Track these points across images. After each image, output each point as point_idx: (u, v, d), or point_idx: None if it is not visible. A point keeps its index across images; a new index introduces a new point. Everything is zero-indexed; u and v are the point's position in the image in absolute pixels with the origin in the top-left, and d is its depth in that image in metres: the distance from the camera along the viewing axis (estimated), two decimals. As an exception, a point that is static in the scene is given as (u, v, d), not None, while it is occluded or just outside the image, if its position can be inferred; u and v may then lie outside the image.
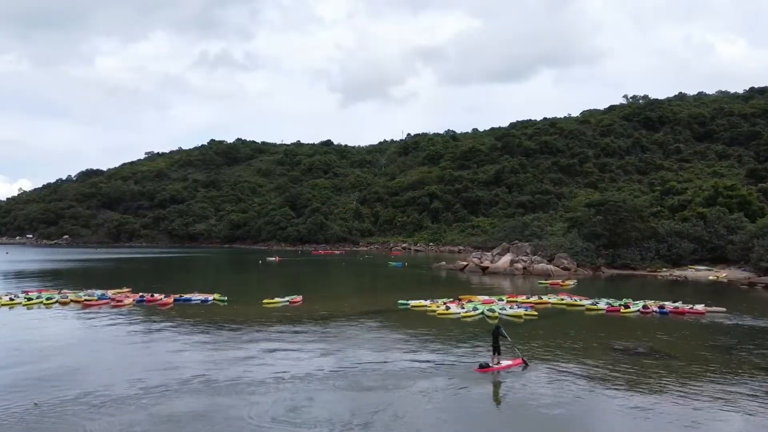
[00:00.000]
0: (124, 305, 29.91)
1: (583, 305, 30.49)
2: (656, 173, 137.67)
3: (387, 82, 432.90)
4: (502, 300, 31.70)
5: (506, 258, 57.75)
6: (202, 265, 75.88)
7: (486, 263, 58.13)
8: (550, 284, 43.39)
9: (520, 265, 55.08)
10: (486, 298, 32.55)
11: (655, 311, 28.44)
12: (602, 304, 30.10)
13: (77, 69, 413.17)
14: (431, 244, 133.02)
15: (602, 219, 60.08)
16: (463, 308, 28.29)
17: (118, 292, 34.75)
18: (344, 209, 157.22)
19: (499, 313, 27.16)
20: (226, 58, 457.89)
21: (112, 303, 30.21)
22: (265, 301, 31.13)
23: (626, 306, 29.04)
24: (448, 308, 27.92)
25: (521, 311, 27.33)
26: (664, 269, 56.11)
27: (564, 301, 31.66)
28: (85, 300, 31.16)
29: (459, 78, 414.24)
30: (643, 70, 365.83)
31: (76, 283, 42.57)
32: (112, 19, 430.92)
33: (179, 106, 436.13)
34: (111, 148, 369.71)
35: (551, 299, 32.48)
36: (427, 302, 30.64)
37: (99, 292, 33.69)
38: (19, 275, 52.59)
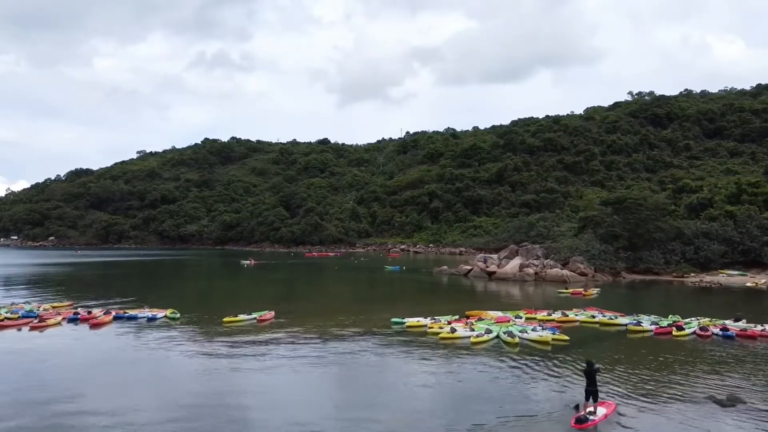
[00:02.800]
0: (48, 326, 23.89)
1: (622, 325, 24.49)
2: (666, 171, 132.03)
3: (385, 83, 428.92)
4: (520, 317, 25.69)
5: (515, 262, 51.77)
6: (184, 269, 69.81)
7: (492, 268, 52.14)
8: (571, 293, 37.36)
9: (531, 270, 49.10)
10: (499, 314, 26.53)
11: (717, 334, 22.47)
12: (647, 323, 24.11)
13: (76, 70, 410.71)
14: (431, 245, 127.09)
15: (621, 218, 54.17)
16: (473, 330, 22.31)
17: (55, 307, 28.87)
18: (340, 209, 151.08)
19: (520, 338, 21.20)
20: (223, 58, 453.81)
21: (33, 323, 24.15)
22: (226, 319, 25.19)
23: (679, 327, 23.02)
24: (453, 330, 21.91)
25: (548, 335, 21.34)
26: (692, 274, 50.17)
27: (596, 319, 25.62)
28: (6, 318, 25.16)
29: (457, 79, 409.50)
30: (641, 70, 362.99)
31: (24, 294, 36.76)
32: (110, 21, 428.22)
33: (177, 107, 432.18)
34: (110, 149, 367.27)
35: (579, 316, 26.46)
36: (427, 321, 24.71)
37: (27, 307, 27.73)
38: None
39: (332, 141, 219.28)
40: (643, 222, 52.50)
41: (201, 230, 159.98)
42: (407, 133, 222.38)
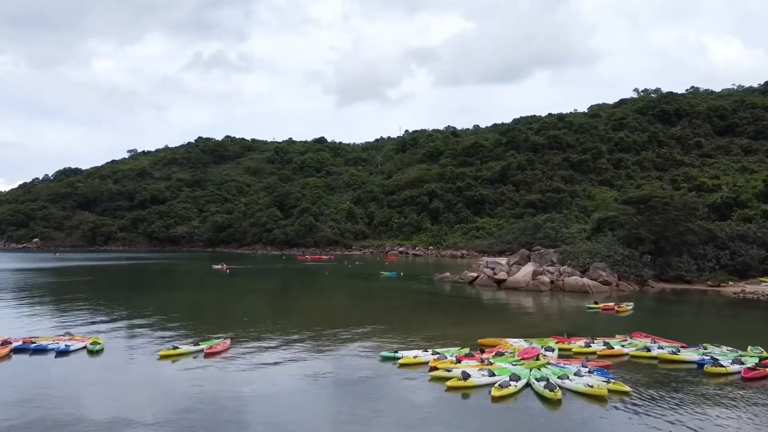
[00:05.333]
0: None
1: (691, 362, 18.27)
2: (677, 169, 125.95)
3: (383, 84, 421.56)
4: (551, 350, 19.41)
5: (527, 269, 45.54)
6: (157, 275, 63.48)
7: (501, 275, 45.92)
8: (602, 309, 31.08)
9: (546, 279, 42.88)
10: (522, 344, 20.32)
11: (831, 379, 16.25)
12: (725, 360, 17.81)
13: (74, 71, 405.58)
14: (431, 247, 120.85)
15: (645, 219, 48.04)
16: (493, 374, 16.07)
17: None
18: (336, 210, 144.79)
19: (561, 387, 14.96)
20: (220, 58, 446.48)
21: None
22: (163, 352, 19.00)
23: (776, 368, 16.78)
24: (466, 376, 15.62)
25: (601, 383, 15.08)
26: (730, 283, 44.03)
27: (653, 353, 19.31)
28: None
29: (455, 79, 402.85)
30: (640, 71, 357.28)
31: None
32: (108, 21, 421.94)
33: (176, 108, 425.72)
34: (110, 150, 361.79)
35: (627, 347, 20.20)
36: (428, 355, 18.52)
37: None
38: None
39: (329, 140, 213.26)
40: (671, 223, 46.33)
41: (192, 232, 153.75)
42: (406, 131, 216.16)
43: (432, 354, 18.70)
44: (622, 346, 20.28)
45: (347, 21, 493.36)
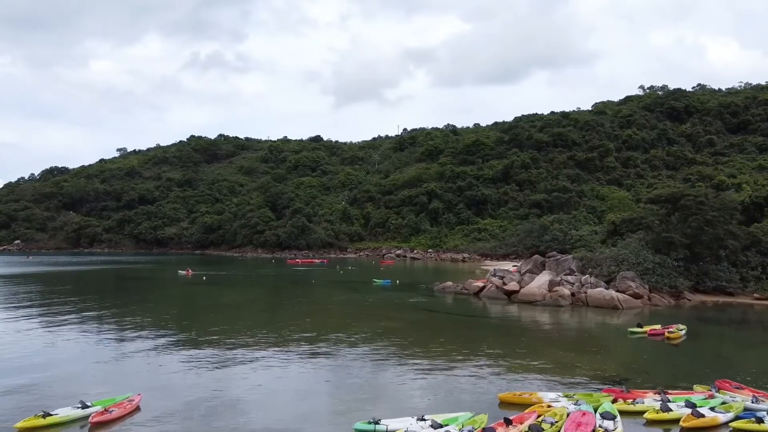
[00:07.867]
0: None
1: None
2: (689, 168, 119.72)
3: (381, 85, 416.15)
4: (612, 417, 12.82)
5: (542, 278, 39.08)
6: (121, 284, 56.84)
7: (512, 286, 39.47)
8: (648, 333, 24.60)
9: (566, 291, 36.39)
10: (565, 404, 13.84)
11: None
12: None
13: (72, 71, 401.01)
14: (430, 250, 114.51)
15: (679, 221, 41.70)
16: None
17: None
18: (331, 210, 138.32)
19: None
20: (218, 59, 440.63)
21: None
22: (22, 423, 12.50)
23: None
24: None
25: None
26: (781, 295, 37.68)
27: (765, 426, 12.79)
28: None
29: (452, 80, 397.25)
30: (639, 71, 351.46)
31: None
32: (106, 22, 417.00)
33: (174, 109, 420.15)
34: (106, 151, 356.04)
35: (719, 409, 13.67)
36: (426, 426, 12.11)
37: None
38: None
39: (325, 138, 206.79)
40: (709, 226, 39.93)
41: (180, 233, 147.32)
42: (404, 129, 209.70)
43: (431, 426, 12.27)
44: (712, 408, 13.74)
45: (345, 22, 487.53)
